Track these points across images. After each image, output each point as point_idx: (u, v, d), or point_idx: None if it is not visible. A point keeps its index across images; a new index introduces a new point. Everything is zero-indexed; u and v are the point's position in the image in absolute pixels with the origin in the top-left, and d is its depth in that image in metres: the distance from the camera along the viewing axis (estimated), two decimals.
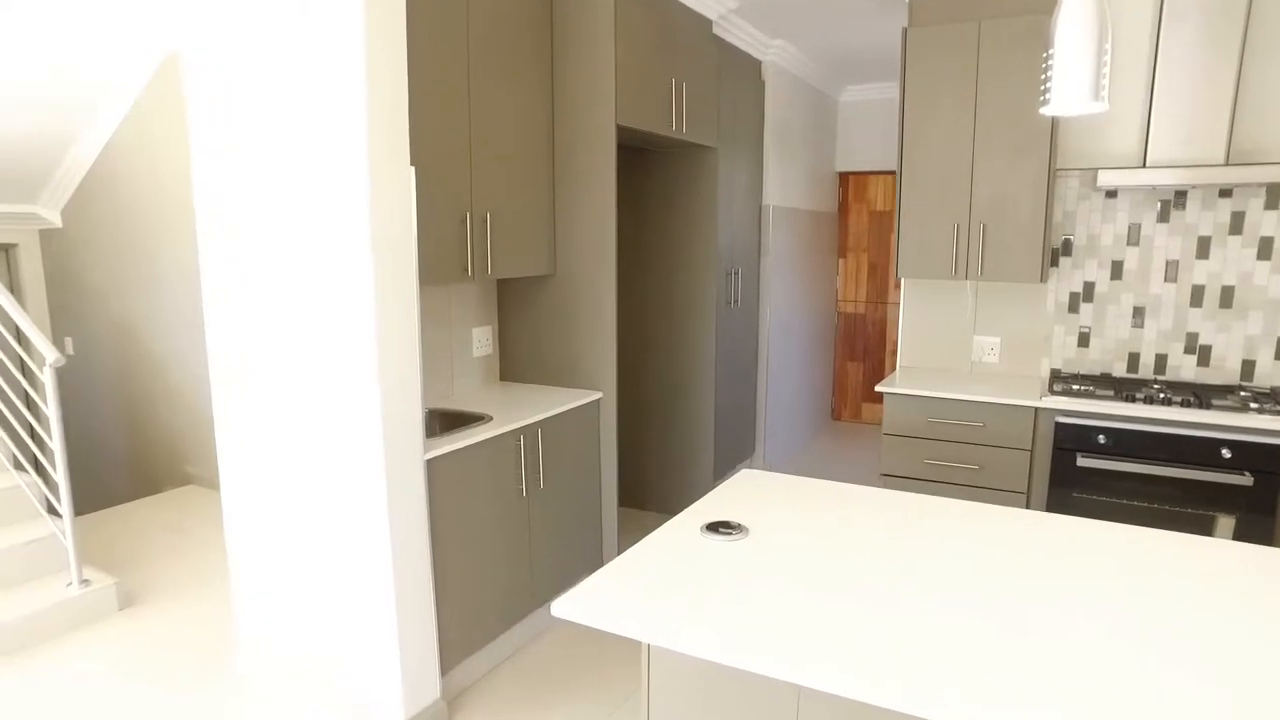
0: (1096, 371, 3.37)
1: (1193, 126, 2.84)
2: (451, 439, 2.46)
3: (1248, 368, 3.12)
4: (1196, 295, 3.17)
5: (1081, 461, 2.92)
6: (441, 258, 2.58)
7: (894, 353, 6.00)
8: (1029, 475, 3.05)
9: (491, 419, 2.71)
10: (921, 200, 3.31)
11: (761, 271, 4.75)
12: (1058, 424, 2.96)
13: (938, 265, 3.32)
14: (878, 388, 3.27)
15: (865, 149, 5.82)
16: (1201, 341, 3.19)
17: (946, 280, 3.51)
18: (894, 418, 3.25)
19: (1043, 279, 3.14)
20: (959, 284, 3.57)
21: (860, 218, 6.01)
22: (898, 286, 5.92)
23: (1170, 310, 3.22)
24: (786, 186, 5.00)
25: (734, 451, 4.65)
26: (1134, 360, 3.30)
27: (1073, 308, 3.38)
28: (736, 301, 4.40)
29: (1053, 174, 3.08)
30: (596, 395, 3.13)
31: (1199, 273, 3.16)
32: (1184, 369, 3.23)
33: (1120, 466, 2.87)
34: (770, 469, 5.03)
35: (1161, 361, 3.26)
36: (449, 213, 2.59)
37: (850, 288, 6.11)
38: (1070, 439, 2.95)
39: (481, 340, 3.27)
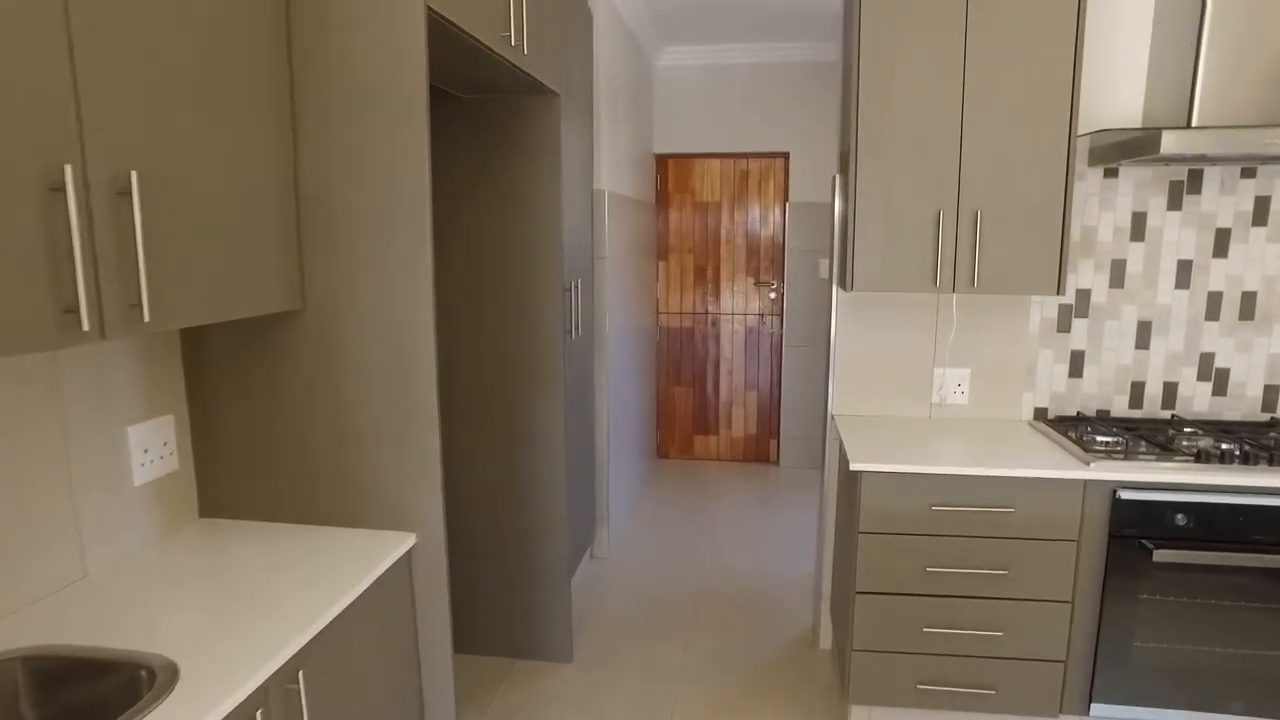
0: (1091, 408, 2.54)
1: (1265, 70, 2.03)
2: None
3: (1272, 395, 2.45)
4: (1213, 305, 2.44)
5: (1161, 555, 2.01)
6: (10, 295, 0.94)
7: (729, 373, 5.02)
8: (1074, 577, 2.08)
9: (177, 674, 1.11)
10: (887, 178, 2.22)
11: (596, 283, 3.43)
12: (1120, 501, 2.02)
13: (911, 272, 2.25)
14: (854, 466, 2.12)
15: (687, 127, 4.74)
16: (1218, 364, 2.46)
17: (900, 294, 2.48)
18: (878, 509, 2.13)
19: (1060, 289, 2.20)
20: (920, 300, 2.55)
21: (684, 211, 4.92)
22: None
23: (1181, 325, 2.46)
24: (619, 168, 3.73)
25: (578, 539, 3.29)
26: (1137, 391, 2.51)
27: (1063, 325, 2.51)
28: (575, 330, 3.04)
29: (1073, 140, 2.14)
30: (405, 539, 1.62)
31: (1216, 275, 2.42)
32: (1197, 400, 2.49)
33: (1217, 559, 1.99)
34: (614, 550, 3.73)
35: (1170, 391, 2.49)
36: (17, 193, 0.96)
37: (674, 296, 5.01)
38: (1135, 521, 2.03)
39: (152, 448, 1.58)
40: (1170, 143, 1.94)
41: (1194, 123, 2.08)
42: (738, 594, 3.26)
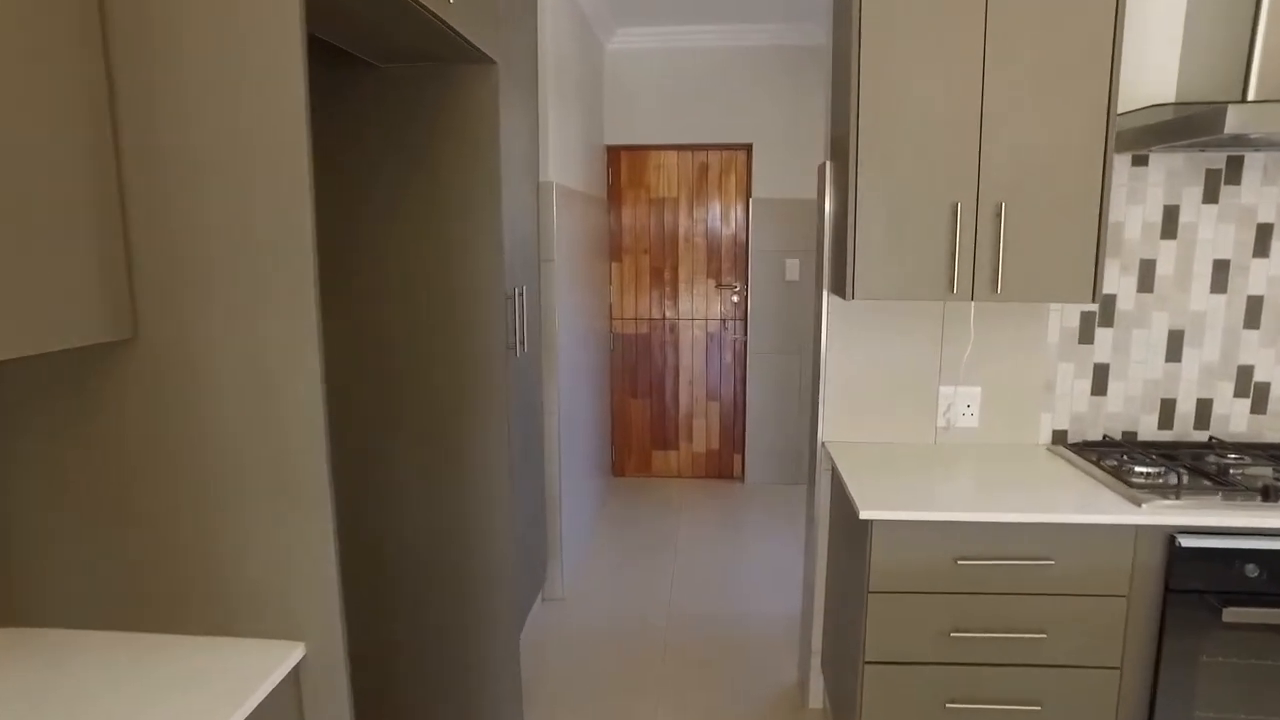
0: (1116, 430, 2.22)
1: None
2: None
3: None
4: (1252, 311, 2.14)
5: (1233, 614, 1.68)
6: None
7: (689, 383, 4.64)
8: (1124, 639, 1.75)
9: None
10: (892, 166, 1.86)
11: (545, 288, 3.00)
12: (1179, 550, 1.69)
13: (922, 276, 1.89)
14: (864, 514, 1.74)
15: (642, 116, 4.34)
16: (1257, 378, 2.17)
17: (901, 302, 2.12)
18: (892, 564, 1.76)
19: (1094, 296, 1.87)
20: (923, 307, 2.19)
21: (638, 207, 4.52)
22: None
23: (1217, 334, 2.16)
24: (568, 160, 3.31)
25: (527, 585, 2.87)
26: (1167, 410, 2.20)
27: (1085, 335, 2.18)
28: (521, 345, 2.61)
29: (1113, 118, 1.81)
30: (289, 652, 1.17)
31: (1256, 278, 2.12)
32: (1234, 419, 2.19)
33: None
34: (569, 588, 3.31)
35: (1204, 410, 2.19)
36: None
37: (628, 300, 4.61)
38: (1198, 573, 1.70)
39: None
40: (1237, 120, 1.61)
41: (1250, 97, 1.77)
42: (710, 641, 2.87)
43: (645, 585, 3.34)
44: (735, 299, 4.53)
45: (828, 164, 2.18)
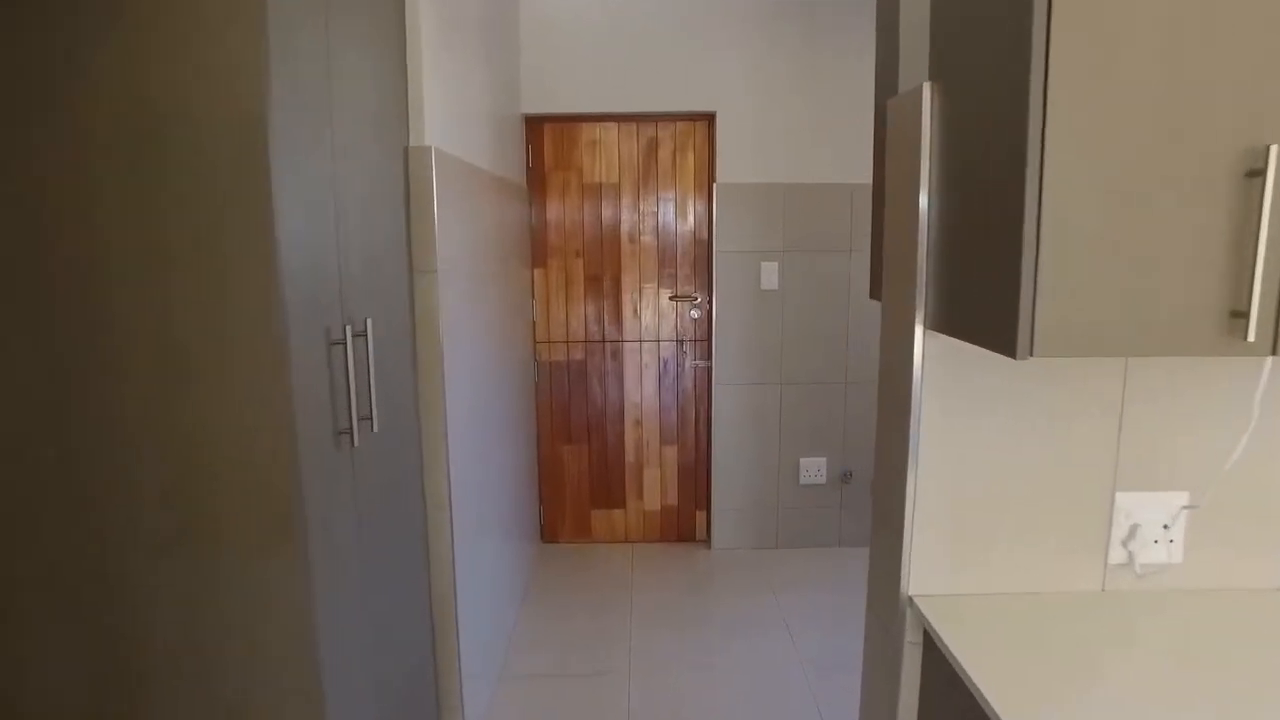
0: None
1: None
2: None
3: None
4: None
5: None
6: None
7: (637, 423, 3.60)
8: None
9: None
10: (1123, 87, 0.86)
11: (419, 314, 1.91)
12: None
13: (1183, 308, 0.91)
14: None
15: (571, 78, 3.28)
16: None
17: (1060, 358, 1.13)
18: None
19: None
20: (1090, 364, 1.21)
21: (569, 196, 3.46)
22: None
23: None
24: (462, 123, 2.23)
25: None
26: None
27: None
28: (369, 421, 1.50)
29: None
30: None
31: None
32: None
33: None
34: None
35: None
36: None
37: (556, 318, 3.54)
38: None
39: None
40: None
41: None
42: None
43: None
44: (695, 314, 3.52)
45: (929, 90, 1.17)
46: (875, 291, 1.59)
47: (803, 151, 3.31)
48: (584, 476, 3.65)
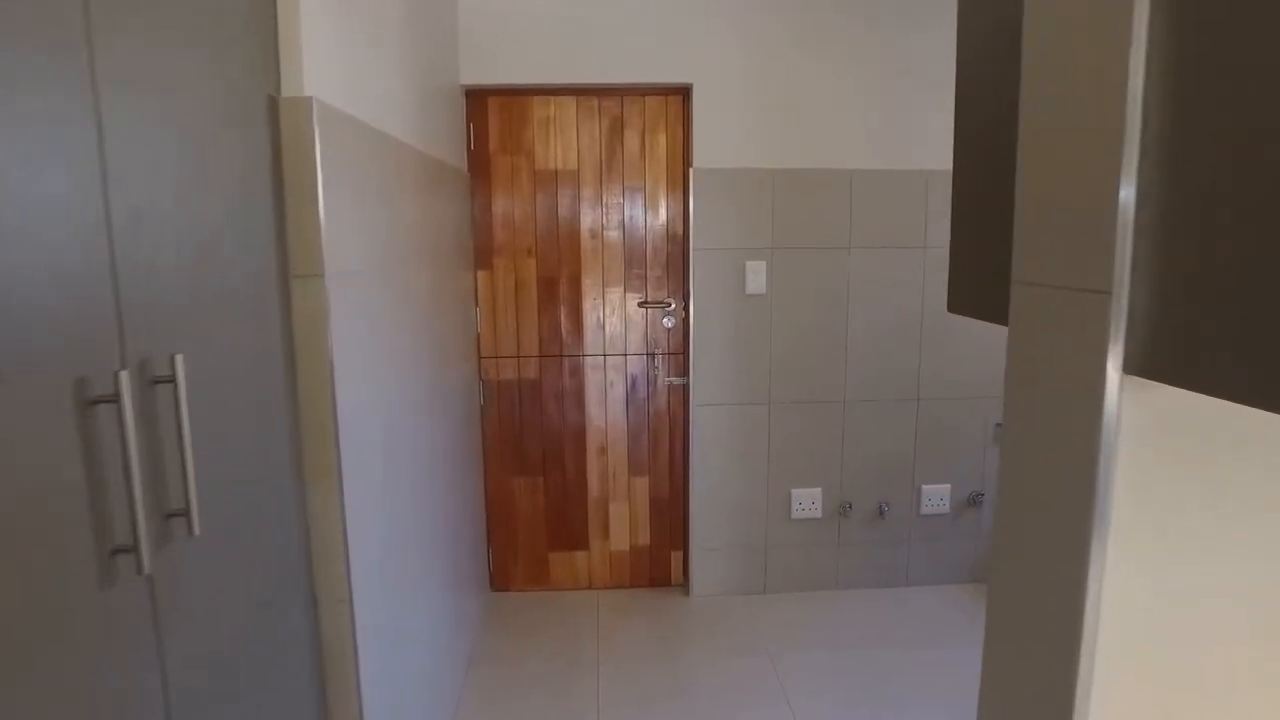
0: None
1: None
2: None
3: None
4: None
5: None
6: None
7: (601, 450, 3.08)
8: None
9: None
10: None
11: (301, 339, 1.36)
12: None
13: None
14: None
15: (521, 43, 2.75)
16: None
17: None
18: None
19: None
20: None
21: (519, 184, 2.91)
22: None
23: None
24: (370, 75, 1.67)
25: None
26: None
27: None
28: (183, 516, 0.95)
29: None
30: None
31: None
32: None
33: None
34: None
35: None
36: None
37: (505, 330, 3.00)
38: None
39: None
40: None
41: None
42: None
43: None
44: (669, 323, 3.01)
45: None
46: (958, 302, 1.10)
47: (796, 131, 2.81)
48: (540, 514, 3.11)
